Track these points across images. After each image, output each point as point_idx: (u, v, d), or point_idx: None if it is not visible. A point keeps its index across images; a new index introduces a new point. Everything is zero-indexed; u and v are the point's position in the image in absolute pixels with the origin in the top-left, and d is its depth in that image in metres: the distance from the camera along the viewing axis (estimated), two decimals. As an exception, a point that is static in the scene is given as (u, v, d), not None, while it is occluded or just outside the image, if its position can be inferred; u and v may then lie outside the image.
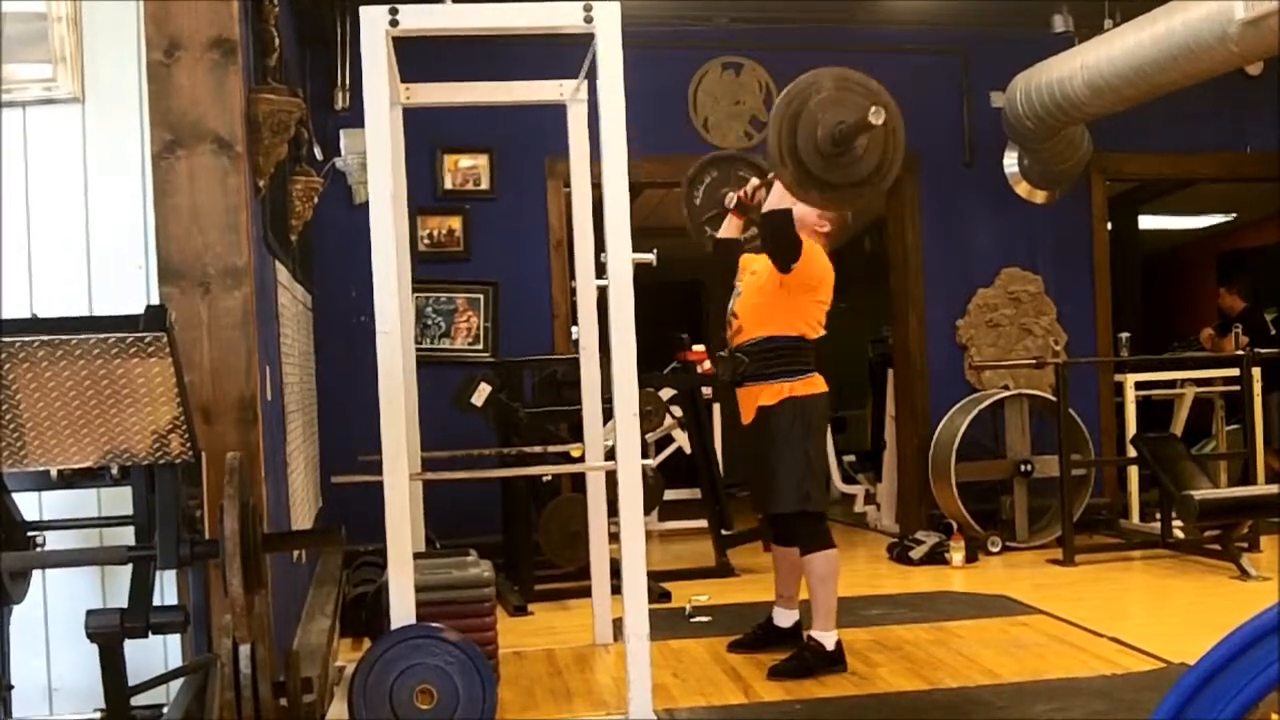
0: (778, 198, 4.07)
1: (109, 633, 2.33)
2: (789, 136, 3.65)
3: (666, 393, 6.21)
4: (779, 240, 4.09)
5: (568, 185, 4.92)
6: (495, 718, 3.28)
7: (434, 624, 3.37)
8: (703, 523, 6.53)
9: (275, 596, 3.27)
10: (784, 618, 4.43)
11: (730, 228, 4.54)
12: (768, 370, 4.18)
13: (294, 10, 5.14)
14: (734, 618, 4.92)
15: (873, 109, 3.52)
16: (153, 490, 2.55)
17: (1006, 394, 6.69)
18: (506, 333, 6.44)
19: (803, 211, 4.13)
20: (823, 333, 4.26)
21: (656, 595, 5.27)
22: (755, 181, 4.47)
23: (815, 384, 4.21)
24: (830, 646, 4.08)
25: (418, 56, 4.53)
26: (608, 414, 4.11)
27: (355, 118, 5.45)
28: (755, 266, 4.37)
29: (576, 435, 5.07)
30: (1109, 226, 7.38)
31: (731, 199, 4.54)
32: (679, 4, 6.56)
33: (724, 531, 6.15)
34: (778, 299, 4.18)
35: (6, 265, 2.99)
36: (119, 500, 2.78)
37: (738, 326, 4.31)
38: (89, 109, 3.03)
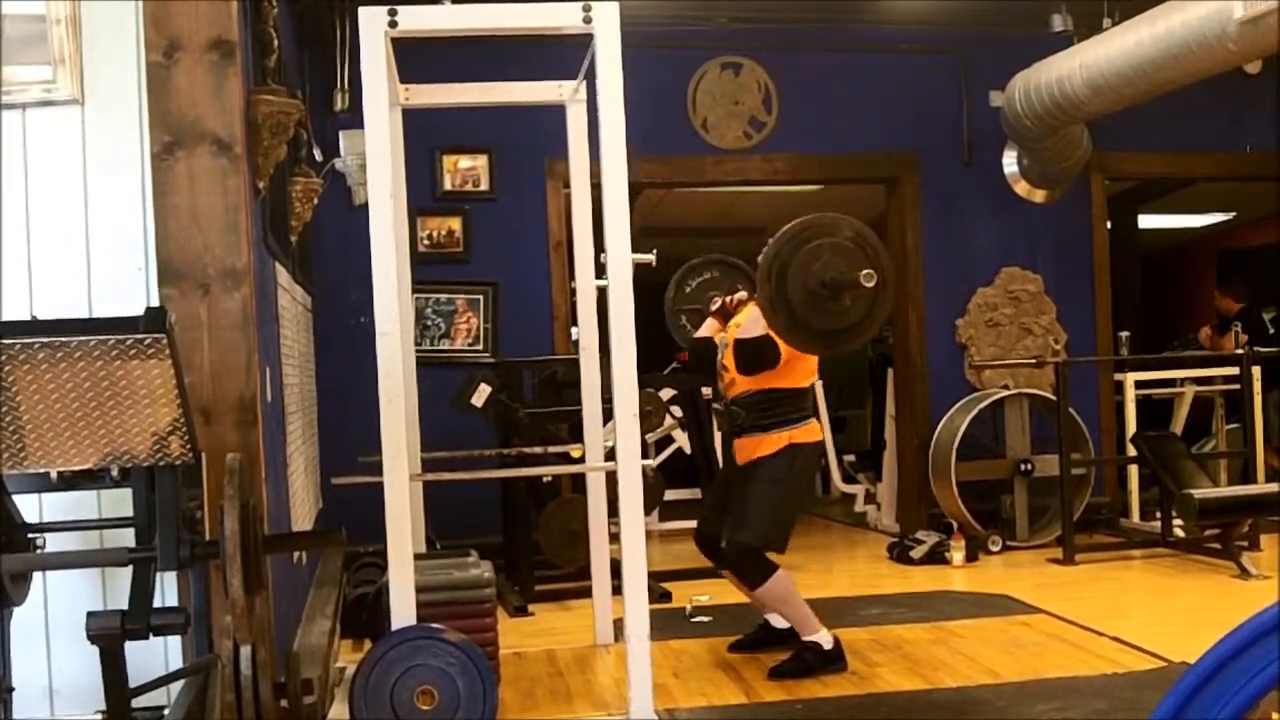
0: (753, 323, 4.11)
1: (110, 634, 2.33)
2: (784, 259, 3.70)
3: (666, 393, 6.21)
4: (753, 365, 4.12)
5: (567, 186, 4.92)
6: (496, 718, 3.28)
7: (435, 625, 3.37)
8: (703, 523, 6.52)
9: (276, 598, 3.27)
10: (778, 619, 4.43)
11: (708, 328, 4.59)
12: (765, 421, 4.15)
13: (293, 11, 5.14)
14: (734, 618, 4.91)
15: (865, 271, 3.58)
16: (153, 491, 2.55)
17: (1006, 393, 6.69)
18: (506, 333, 6.44)
19: None
20: (814, 379, 4.26)
21: (657, 595, 5.27)
22: (744, 294, 4.49)
23: (812, 432, 4.21)
24: (828, 646, 4.08)
25: (417, 57, 4.53)
26: (608, 414, 4.11)
27: (354, 119, 5.44)
28: (739, 319, 4.35)
29: (576, 436, 5.07)
30: (1109, 226, 7.38)
31: (716, 302, 4.60)
32: (678, 4, 6.56)
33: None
34: None
35: (6, 267, 2.99)
36: (119, 502, 2.78)
37: (729, 379, 4.27)
38: (88, 110, 3.03)
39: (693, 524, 7.13)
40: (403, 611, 3.43)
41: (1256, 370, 6.53)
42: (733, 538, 4.14)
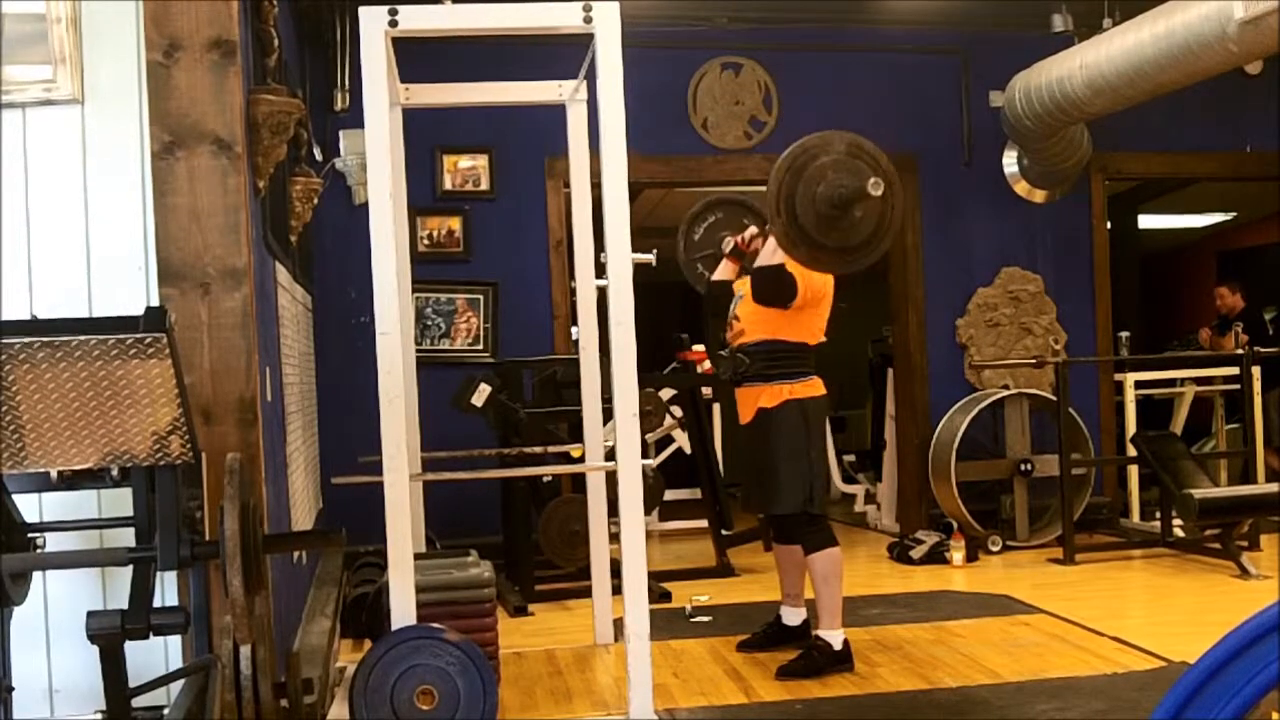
0: (769, 252, 4.13)
1: (110, 634, 2.33)
2: (790, 188, 3.68)
3: (666, 393, 6.21)
4: (770, 294, 4.14)
5: (567, 185, 4.92)
6: (496, 718, 3.28)
7: (434, 625, 3.37)
8: (703, 523, 6.53)
9: (276, 597, 3.27)
10: (792, 616, 4.44)
11: (725, 271, 4.59)
12: (768, 371, 4.19)
13: (293, 11, 5.14)
14: (734, 618, 4.92)
15: (872, 180, 3.57)
16: (153, 491, 2.55)
17: (1006, 393, 6.69)
18: (506, 333, 6.44)
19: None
20: (823, 339, 4.29)
21: (657, 595, 5.27)
22: (754, 230, 4.50)
23: (815, 386, 4.23)
24: (838, 646, 4.09)
25: (417, 57, 4.53)
26: (608, 414, 4.12)
27: (355, 118, 5.46)
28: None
29: (576, 435, 5.07)
30: (1109, 226, 7.38)
31: (729, 244, 4.59)
32: (679, 4, 6.56)
33: (724, 531, 6.15)
34: (780, 312, 4.20)
35: (6, 267, 2.99)
36: (119, 501, 2.78)
37: (739, 329, 4.31)
38: (88, 110, 3.03)
39: (693, 524, 7.22)
40: (403, 611, 3.43)
41: (1256, 370, 6.53)
42: (776, 512, 4.21)
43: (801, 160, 3.73)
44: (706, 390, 6.42)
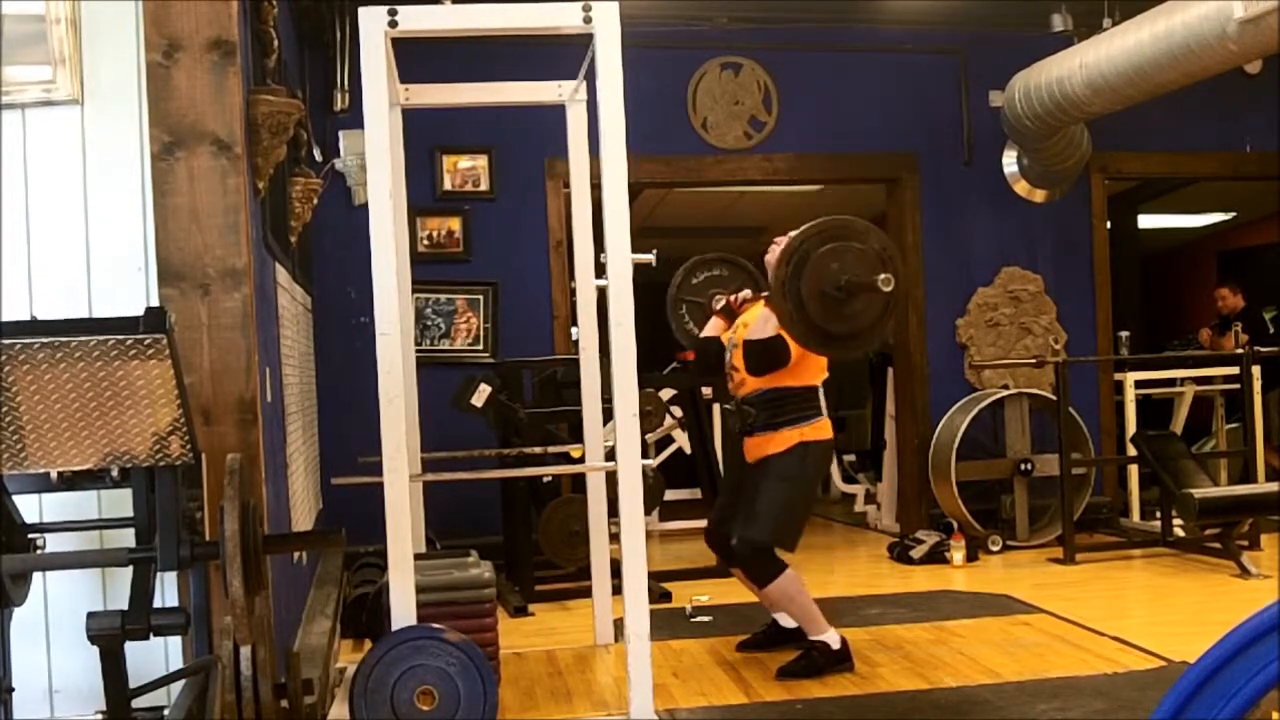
0: (762, 324, 4.11)
1: (110, 635, 2.33)
2: (808, 249, 3.71)
3: (666, 393, 6.20)
4: (763, 366, 4.12)
5: (567, 185, 4.92)
6: (496, 719, 3.28)
7: (435, 625, 3.37)
8: (703, 523, 6.49)
9: (276, 598, 3.27)
10: (786, 619, 4.43)
11: (712, 328, 4.56)
12: (777, 419, 4.16)
13: (293, 11, 5.14)
14: (734, 618, 4.92)
15: (883, 275, 3.57)
16: (153, 492, 2.55)
17: (1006, 393, 6.69)
18: (506, 333, 6.44)
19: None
20: (826, 375, 4.26)
21: (657, 595, 5.27)
22: (747, 292, 4.49)
23: (823, 429, 4.20)
24: (836, 646, 4.08)
25: (417, 57, 4.53)
26: (608, 414, 4.11)
27: (354, 119, 5.46)
28: (747, 318, 4.35)
29: (576, 436, 5.07)
30: (1109, 225, 7.38)
31: (720, 301, 4.59)
32: (678, 4, 6.56)
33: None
34: None
35: (6, 267, 2.99)
36: (119, 502, 2.78)
37: (740, 380, 4.27)
38: (88, 111, 3.03)
39: (693, 524, 7.21)
40: (403, 612, 3.43)
41: (1256, 370, 6.53)
42: (743, 535, 4.14)
43: (833, 233, 3.73)
44: (706, 390, 6.42)
